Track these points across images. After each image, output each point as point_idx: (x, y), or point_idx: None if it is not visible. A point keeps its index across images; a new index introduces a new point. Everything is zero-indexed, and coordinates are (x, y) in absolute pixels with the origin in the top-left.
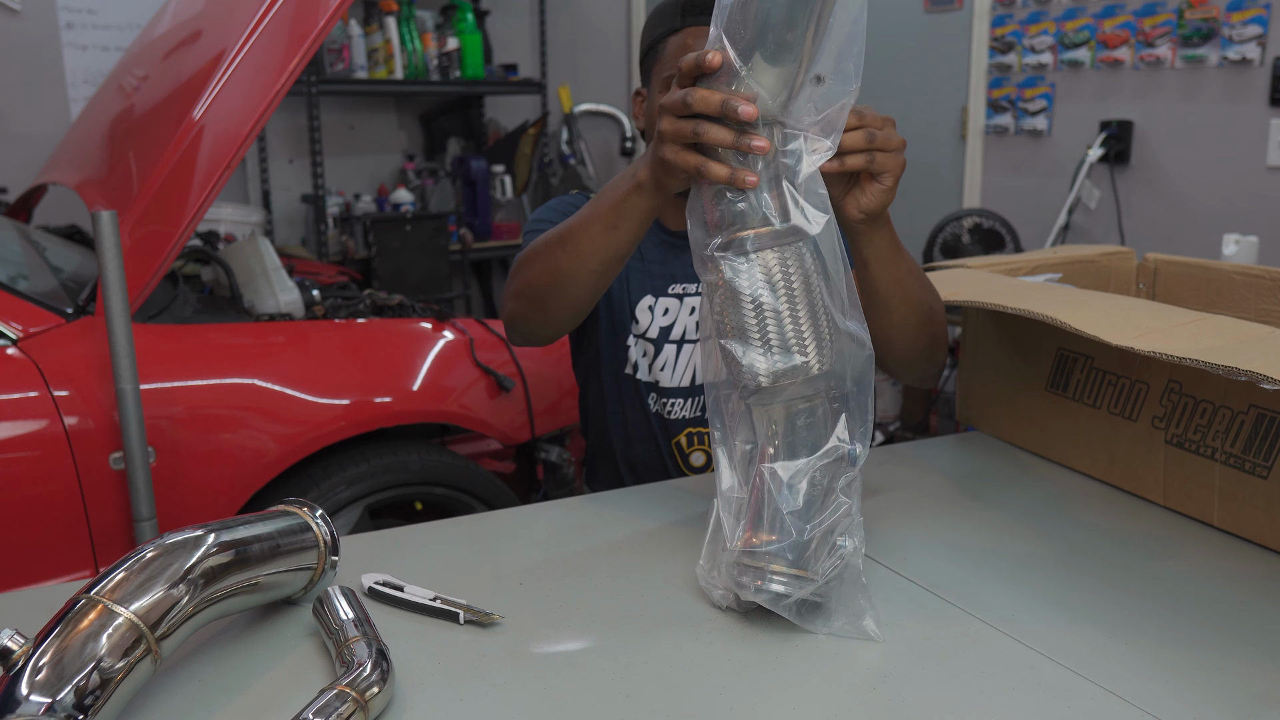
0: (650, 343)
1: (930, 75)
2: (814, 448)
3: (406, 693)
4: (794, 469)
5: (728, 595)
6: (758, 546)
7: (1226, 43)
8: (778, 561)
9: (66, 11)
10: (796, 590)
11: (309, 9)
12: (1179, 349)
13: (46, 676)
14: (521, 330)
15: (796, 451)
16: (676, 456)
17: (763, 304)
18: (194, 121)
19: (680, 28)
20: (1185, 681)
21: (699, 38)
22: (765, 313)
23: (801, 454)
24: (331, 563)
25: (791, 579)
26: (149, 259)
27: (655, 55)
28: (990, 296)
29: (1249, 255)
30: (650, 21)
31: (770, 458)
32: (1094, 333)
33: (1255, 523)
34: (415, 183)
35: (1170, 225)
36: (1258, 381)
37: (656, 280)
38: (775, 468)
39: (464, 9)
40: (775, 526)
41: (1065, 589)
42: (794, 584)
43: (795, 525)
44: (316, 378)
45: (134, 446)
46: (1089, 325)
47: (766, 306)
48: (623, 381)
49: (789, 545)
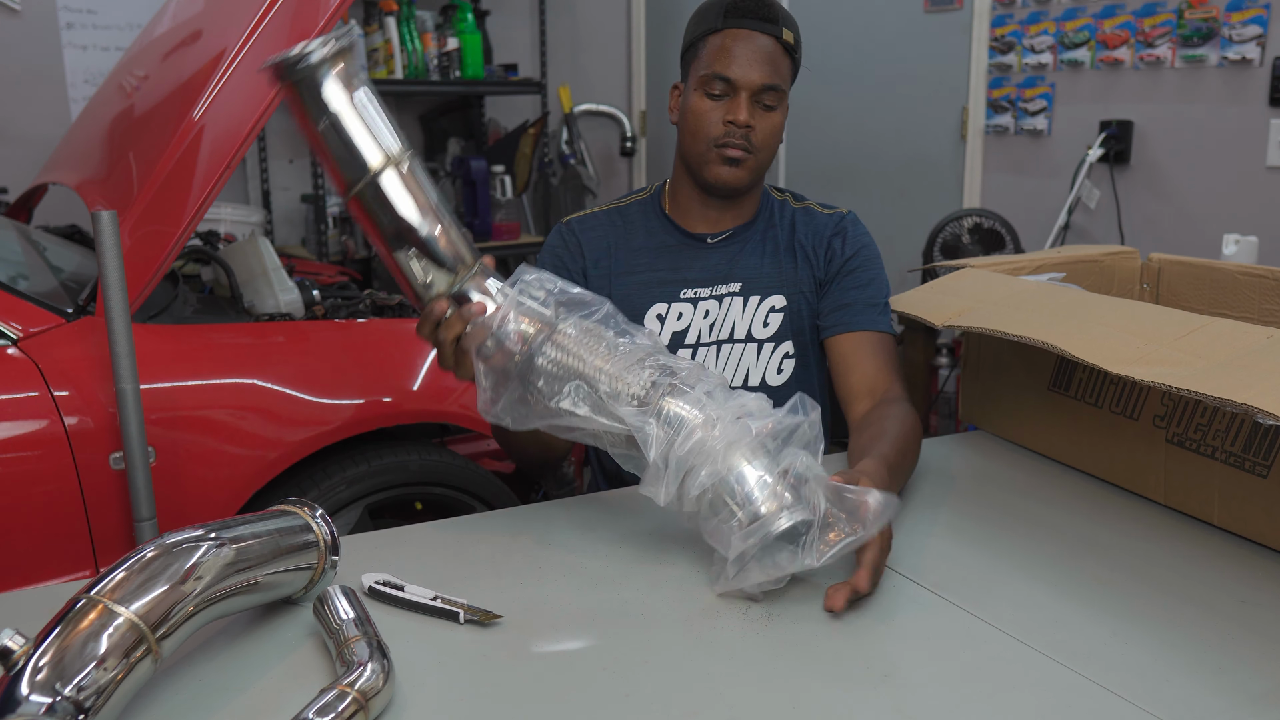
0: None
1: (930, 75)
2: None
3: (406, 692)
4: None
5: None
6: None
7: (1226, 43)
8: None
9: (66, 11)
10: (798, 515)
11: (309, 9)
12: (1177, 376)
13: (47, 676)
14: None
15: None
16: None
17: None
18: (194, 121)
19: (721, 29)
20: (1185, 681)
21: (738, 40)
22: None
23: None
24: (331, 562)
25: (786, 513)
26: (149, 259)
27: (695, 53)
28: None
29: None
30: (693, 20)
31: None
32: (1094, 360)
33: (1255, 522)
34: None
35: (1170, 225)
36: (1253, 416)
37: (668, 287)
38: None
39: (464, 9)
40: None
41: (1065, 589)
42: (793, 513)
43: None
44: (316, 378)
45: (134, 446)
46: (1089, 351)
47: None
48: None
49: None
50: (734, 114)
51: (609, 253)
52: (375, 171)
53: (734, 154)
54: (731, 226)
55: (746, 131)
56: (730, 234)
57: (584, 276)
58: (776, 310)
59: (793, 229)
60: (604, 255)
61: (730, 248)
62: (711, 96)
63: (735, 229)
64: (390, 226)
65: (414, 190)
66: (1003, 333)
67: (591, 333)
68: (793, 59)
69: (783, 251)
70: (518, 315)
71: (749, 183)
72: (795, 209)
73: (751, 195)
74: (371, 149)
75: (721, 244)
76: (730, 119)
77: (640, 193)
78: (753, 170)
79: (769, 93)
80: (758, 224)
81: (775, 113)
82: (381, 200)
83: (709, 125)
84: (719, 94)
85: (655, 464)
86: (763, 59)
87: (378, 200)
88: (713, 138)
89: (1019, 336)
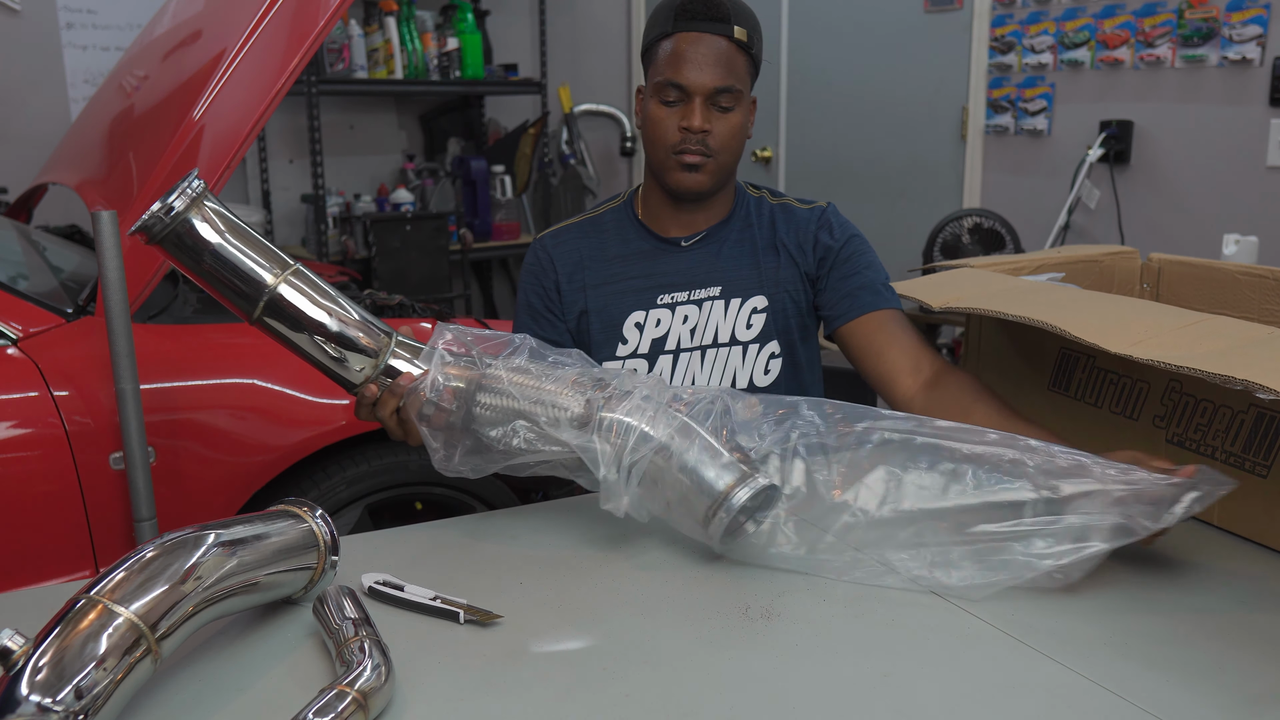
0: (643, 359)
1: (930, 75)
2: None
3: (406, 692)
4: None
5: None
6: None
7: (1226, 43)
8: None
9: (66, 11)
10: (758, 484)
11: (309, 9)
12: (1177, 356)
13: (46, 676)
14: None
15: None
16: None
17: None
18: (194, 121)
19: (672, 32)
20: (1185, 681)
21: (690, 43)
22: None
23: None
24: (331, 562)
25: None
26: (149, 259)
27: (650, 58)
28: (992, 302)
29: (1249, 255)
30: (649, 22)
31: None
32: (1093, 339)
33: (1255, 522)
34: (415, 183)
35: (1170, 225)
36: (1254, 391)
37: (644, 293)
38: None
39: (464, 9)
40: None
41: (1065, 589)
42: (752, 483)
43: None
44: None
45: (134, 446)
46: (1088, 332)
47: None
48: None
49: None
50: (688, 120)
51: (581, 265)
52: (272, 286)
53: (692, 160)
54: (705, 228)
55: (703, 136)
56: (704, 235)
57: (558, 292)
58: (759, 311)
59: (773, 226)
60: (576, 269)
61: (706, 249)
62: (666, 103)
63: (709, 229)
64: (303, 332)
65: (314, 290)
66: (1001, 313)
67: (519, 370)
68: (749, 55)
69: (762, 251)
70: (444, 374)
71: (711, 186)
72: (773, 205)
73: (722, 195)
74: (261, 268)
75: (696, 246)
76: (685, 125)
77: (613, 200)
78: (714, 174)
79: (723, 94)
80: (733, 223)
81: (733, 113)
82: (286, 311)
83: (665, 133)
84: (673, 100)
85: (605, 479)
86: (714, 61)
87: (283, 313)
88: (670, 145)
89: (1017, 317)
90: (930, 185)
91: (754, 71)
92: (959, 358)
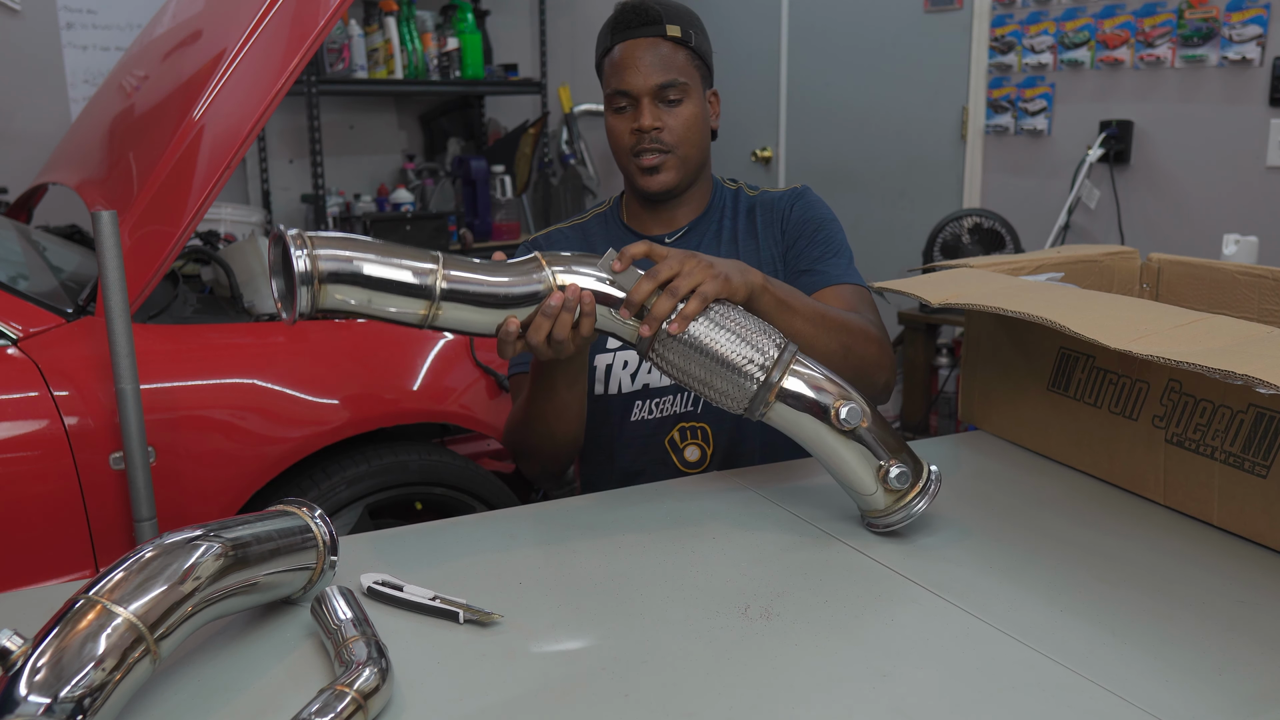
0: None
1: (930, 75)
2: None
3: (406, 692)
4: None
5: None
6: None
7: (1226, 43)
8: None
9: (66, 11)
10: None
11: (309, 9)
12: (1176, 352)
13: (45, 676)
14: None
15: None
16: (671, 455)
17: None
18: (194, 121)
19: (611, 45)
20: (1185, 681)
21: (627, 50)
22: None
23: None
24: (331, 563)
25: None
26: (149, 259)
27: (600, 75)
28: (991, 299)
29: (1249, 255)
30: (597, 43)
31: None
32: (1092, 336)
33: (1255, 522)
34: (415, 183)
35: (1170, 225)
36: (1254, 386)
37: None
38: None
39: (464, 9)
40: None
41: (1065, 589)
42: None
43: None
44: (316, 378)
45: (134, 446)
46: (1088, 328)
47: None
48: (596, 402)
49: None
50: (638, 121)
51: None
52: (433, 287)
53: (650, 161)
54: (686, 223)
55: (655, 134)
56: (686, 229)
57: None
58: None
59: (751, 214)
60: None
61: (689, 242)
62: (619, 111)
63: (691, 224)
64: (484, 310)
65: (468, 266)
66: (1001, 309)
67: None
68: (689, 48)
69: (742, 238)
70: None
71: (678, 181)
72: (751, 196)
73: (696, 190)
74: (412, 275)
75: (679, 241)
76: (636, 126)
77: (600, 206)
78: (677, 169)
79: (669, 89)
80: (711, 215)
81: (683, 105)
82: (462, 297)
83: (622, 139)
84: (624, 106)
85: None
86: (651, 60)
87: (457, 304)
88: (628, 148)
89: (1016, 313)
90: (930, 185)
91: (702, 65)
92: (959, 358)
